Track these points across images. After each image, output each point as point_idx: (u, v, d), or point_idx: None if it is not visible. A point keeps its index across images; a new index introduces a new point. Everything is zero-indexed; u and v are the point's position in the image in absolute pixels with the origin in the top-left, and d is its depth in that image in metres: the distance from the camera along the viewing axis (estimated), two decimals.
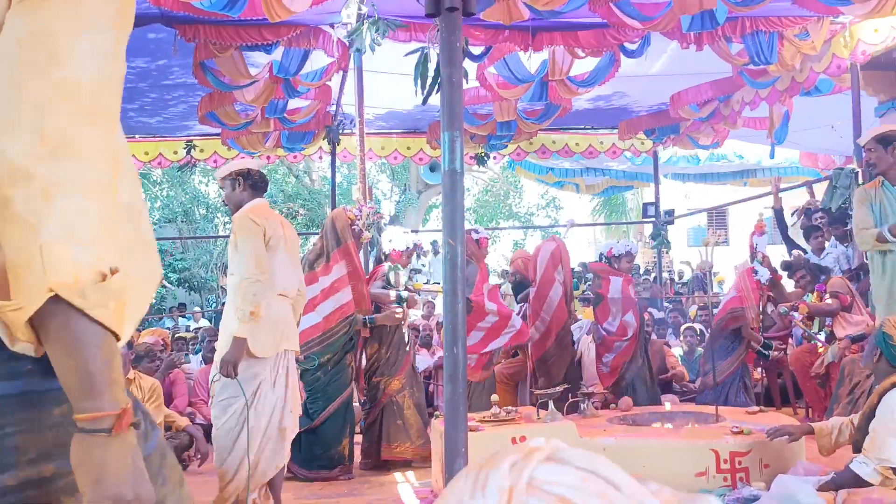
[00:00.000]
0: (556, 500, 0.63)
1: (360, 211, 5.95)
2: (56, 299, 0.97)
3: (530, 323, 6.44)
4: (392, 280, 6.11)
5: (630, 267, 6.77)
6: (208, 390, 7.13)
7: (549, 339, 6.38)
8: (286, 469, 4.71)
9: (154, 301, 18.34)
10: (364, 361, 5.99)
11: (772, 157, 11.28)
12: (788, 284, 7.50)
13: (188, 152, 10.76)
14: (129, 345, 5.85)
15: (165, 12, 6.21)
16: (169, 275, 17.87)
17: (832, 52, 7.29)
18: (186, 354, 8.44)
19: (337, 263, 5.60)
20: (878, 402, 3.67)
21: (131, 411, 1.04)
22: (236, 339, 3.95)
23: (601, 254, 6.90)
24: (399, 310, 5.92)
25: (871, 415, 3.71)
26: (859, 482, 3.58)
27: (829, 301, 6.42)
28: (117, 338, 1.04)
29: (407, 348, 6.05)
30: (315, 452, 5.60)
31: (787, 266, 7.40)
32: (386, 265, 6.23)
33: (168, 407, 5.84)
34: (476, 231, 6.52)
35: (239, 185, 4.24)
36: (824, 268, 7.39)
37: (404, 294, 6.06)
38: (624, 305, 6.47)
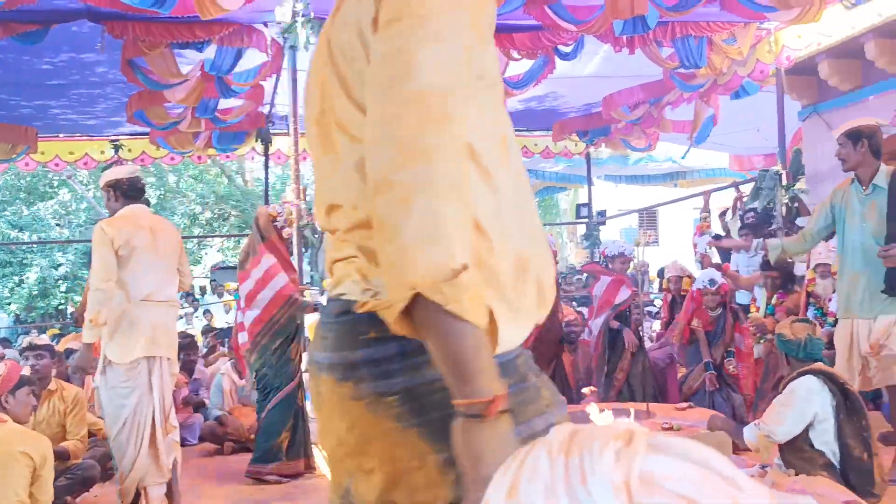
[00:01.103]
0: (680, 500, 0.55)
1: (283, 208, 5.95)
2: (420, 296, 1.05)
3: None
4: None
5: (624, 268, 6.66)
6: None
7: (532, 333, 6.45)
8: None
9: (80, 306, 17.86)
10: None
11: (683, 157, 11.57)
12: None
13: (116, 152, 10.46)
14: (55, 354, 5.65)
15: (92, 8, 6.01)
16: None
17: (756, 57, 7.51)
18: None
19: (264, 255, 5.61)
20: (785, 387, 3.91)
21: (503, 399, 1.07)
22: (84, 344, 4.31)
23: (592, 251, 6.89)
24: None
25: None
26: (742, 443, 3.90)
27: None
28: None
29: None
30: (261, 448, 5.59)
31: (765, 265, 7.27)
32: None
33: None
34: None
35: (111, 195, 4.53)
36: (798, 278, 7.50)
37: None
38: (600, 307, 6.48)
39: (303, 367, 5.75)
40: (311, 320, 6.27)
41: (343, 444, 1.30)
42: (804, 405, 3.69)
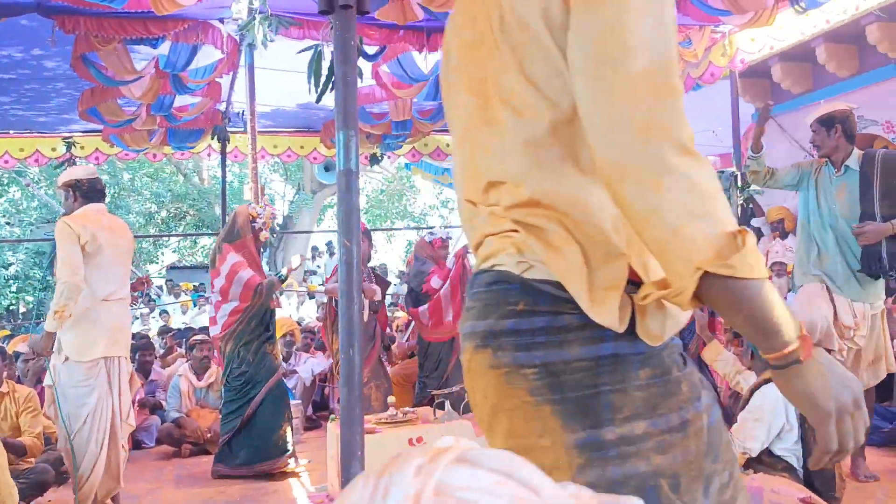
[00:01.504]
0: None
1: (263, 210, 5.94)
2: (706, 274, 1.05)
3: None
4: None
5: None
6: None
7: None
8: (217, 471, 5.56)
9: (32, 306, 17.45)
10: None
11: None
12: None
13: (68, 149, 10.24)
14: (6, 357, 5.53)
15: (43, 2, 5.89)
16: (48, 278, 17.01)
17: (709, 60, 7.63)
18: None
19: (229, 253, 5.64)
20: (750, 396, 3.91)
21: (808, 337, 1.10)
22: (46, 332, 4.35)
23: None
24: (374, 287, 6.17)
25: (744, 406, 3.95)
26: None
27: None
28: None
29: (372, 342, 6.11)
30: (254, 443, 5.57)
31: None
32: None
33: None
34: (431, 233, 6.63)
35: (70, 195, 4.57)
36: None
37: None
38: None
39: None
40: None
41: (478, 412, 1.31)
42: (773, 417, 3.73)
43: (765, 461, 3.76)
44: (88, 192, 4.56)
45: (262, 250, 6.13)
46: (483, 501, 0.57)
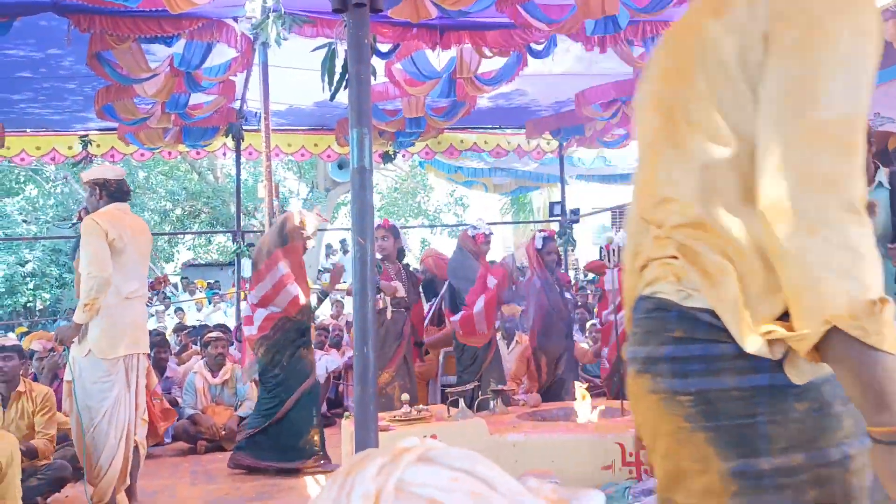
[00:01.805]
0: (424, 502, 0.61)
1: (313, 218, 5.98)
2: (835, 329, 1.07)
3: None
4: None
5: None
6: None
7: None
8: (237, 460, 5.66)
9: (48, 303, 17.58)
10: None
11: None
12: None
13: (84, 147, 10.31)
14: (23, 354, 5.57)
15: (58, 1, 5.94)
16: (64, 275, 17.12)
17: None
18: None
19: (280, 261, 5.66)
20: None
21: None
22: (75, 322, 4.37)
23: (600, 248, 6.80)
24: (395, 284, 6.16)
25: None
26: None
27: None
28: None
29: (398, 341, 6.13)
30: (283, 443, 5.63)
31: None
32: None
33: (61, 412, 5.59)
34: (474, 228, 6.60)
35: (96, 193, 4.61)
36: None
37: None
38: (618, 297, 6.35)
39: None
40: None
41: (641, 432, 1.37)
42: None
43: None
44: (115, 192, 4.63)
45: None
46: (439, 497, 0.61)
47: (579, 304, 11.05)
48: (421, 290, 7.68)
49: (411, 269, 6.95)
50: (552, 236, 6.76)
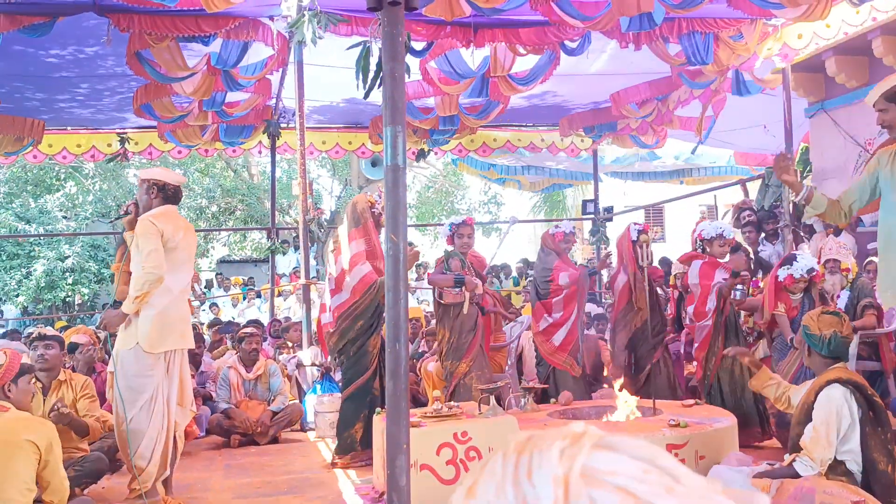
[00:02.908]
0: (617, 492, 0.58)
1: (380, 196, 6.12)
2: None
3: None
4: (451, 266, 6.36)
5: (724, 251, 6.21)
6: None
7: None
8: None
9: (87, 298, 17.88)
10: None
11: (693, 153, 11.52)
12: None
13: (122, 145, 10.49)
14: (63, 345, 5.68)
15: (99, 1, 6.04)
16: (103, 270, 17.40)
17: (762, 55, 7.49)
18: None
19: (353, 241, 5.90)
20: (815, 399, 3.70)
21: None
22: (122, 311, 4.56)
23: (695, 238, 6.47)
24: (476, 280, 6.27)
25: (808, 410, 3.73)
26: (797, 476, 3.66)
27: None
28: None
29: (473, 332, 6.23)
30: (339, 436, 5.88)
31: (734, 250, 7.16)
32: (445, 250, 6.58)
33: (101, 406, 5.69)
34: (556, 226, 6.74)
35: (153, 192, 4.76)
36: (766, 264, 7.54)
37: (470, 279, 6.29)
38: (703, 290, 6.09)
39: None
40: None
41: None
42: (839, 421, 3.59)
43: (834, 468, 3.63)
44: (171, 196, 4.81)
45: (311, 244, 6.24)
46: (633, 487, 0.58)
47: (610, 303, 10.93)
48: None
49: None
50: (647, 230, 6.62)
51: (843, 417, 3.59)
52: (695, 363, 7.29)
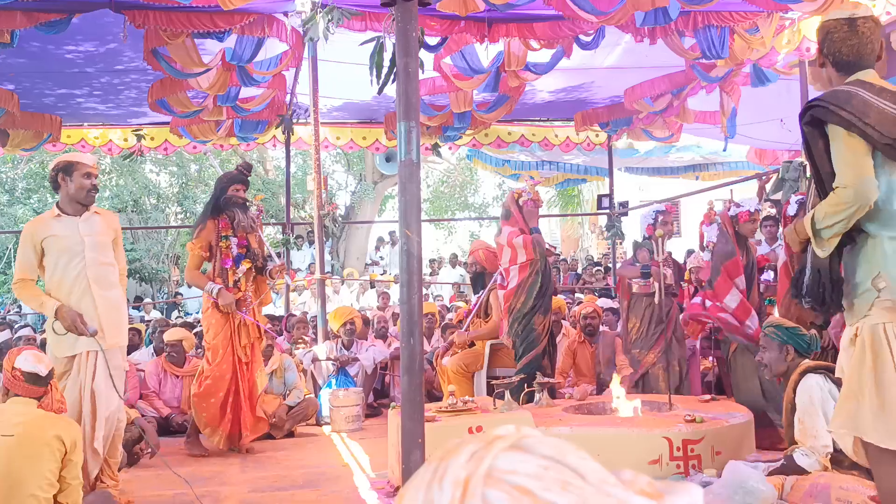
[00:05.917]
0: (514, 490, 0.61)
1: (527, 184, 6.54)
2: None
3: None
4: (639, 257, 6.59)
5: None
6: (160, 382, 7.09)
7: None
8: None
9: None
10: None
11: (724, 150, 11.43)
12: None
13: (138, 140, 10.56)
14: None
15: None
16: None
17: (779, 48, 7.43)
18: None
19: (504, 226, 6.30)
20: (795, 394, 3.81)
21: None
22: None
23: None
24: (666, 271, 6.25)
25: (792, 408, 3.84)
26: (804, 471, 3.70)
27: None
28: None
29: (663, 325, 6.29)
30: None
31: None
32: (634, 241, 6.74)
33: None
34: (737, 205, 6.23)
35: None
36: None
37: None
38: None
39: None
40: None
41: None
42: (823, 406, 3.65)
43: (841, 461, 3.65)
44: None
45: (326, 238, 6.30)
46: (529, 485, 0.61)
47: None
48: (470, 282, 7.70)
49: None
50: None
51: (825, 402, 3.65)
52: (710, 359, 7.29)
